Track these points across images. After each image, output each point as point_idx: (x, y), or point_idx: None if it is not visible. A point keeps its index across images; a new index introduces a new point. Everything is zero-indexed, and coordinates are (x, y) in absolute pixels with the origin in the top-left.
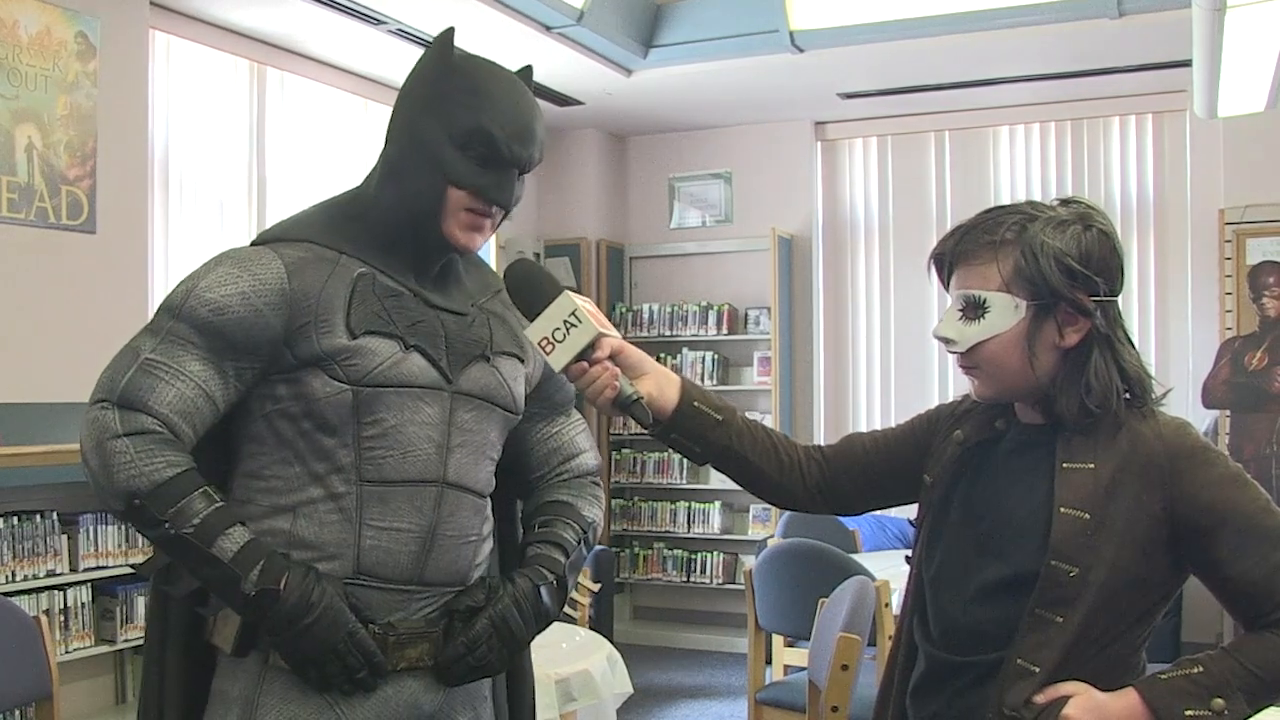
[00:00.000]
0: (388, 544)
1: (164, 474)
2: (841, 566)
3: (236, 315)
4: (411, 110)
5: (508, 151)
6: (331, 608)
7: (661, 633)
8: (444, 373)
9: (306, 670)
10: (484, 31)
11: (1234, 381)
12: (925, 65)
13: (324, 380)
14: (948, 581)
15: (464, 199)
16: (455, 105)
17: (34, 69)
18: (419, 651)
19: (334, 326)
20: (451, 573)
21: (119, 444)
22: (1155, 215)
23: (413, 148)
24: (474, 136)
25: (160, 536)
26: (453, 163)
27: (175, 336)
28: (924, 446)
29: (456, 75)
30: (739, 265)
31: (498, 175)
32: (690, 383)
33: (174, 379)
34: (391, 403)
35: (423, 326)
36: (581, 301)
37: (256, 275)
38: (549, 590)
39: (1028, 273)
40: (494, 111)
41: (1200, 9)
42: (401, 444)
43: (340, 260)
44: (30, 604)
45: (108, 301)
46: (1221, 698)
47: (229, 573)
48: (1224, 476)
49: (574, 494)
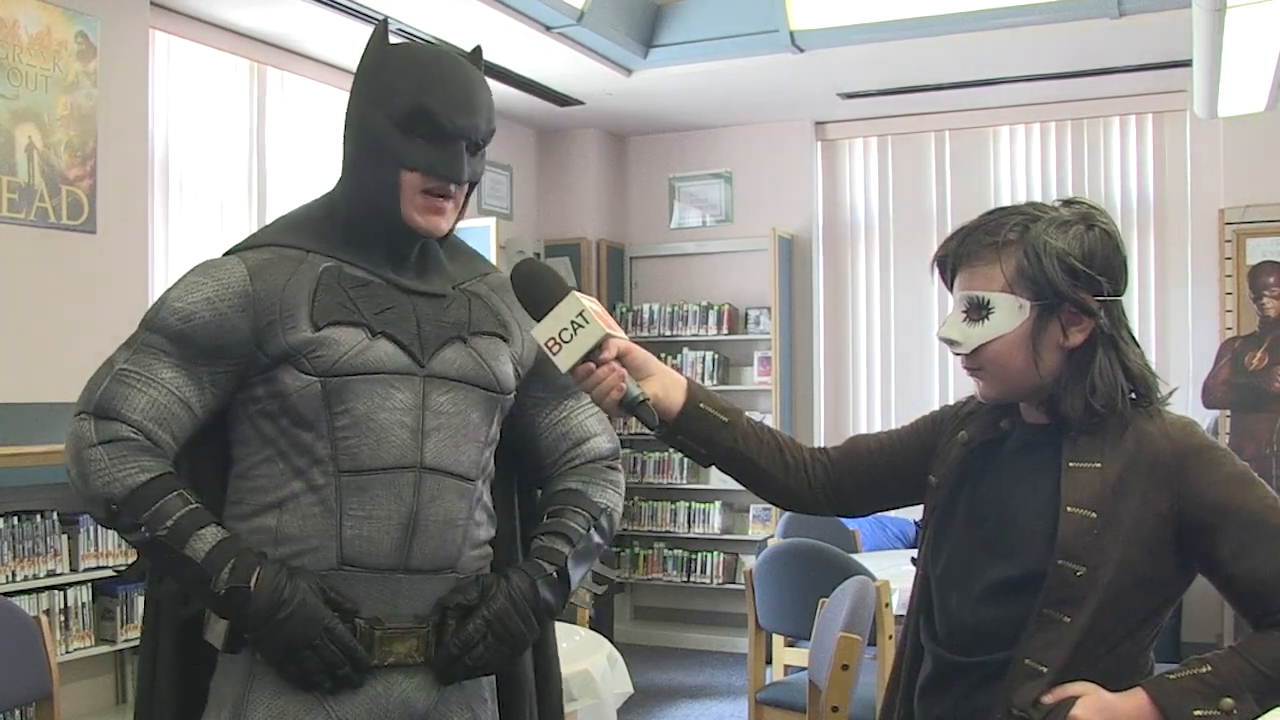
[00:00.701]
0: (369, 532)
1: (137, 479)
2: (842, 566)
3: (202, 320)
4: (356, 104)
5: (450, 124)
6: (305, 604)
7: (662, 632)
8: (414, 356)
9: (286, 667)
10: (484, 31)
11: (1234, 381)
12: (925, 65)
13: (294, 375)
14: (954, 582)
15: (418, 180)
16: (394, 90)
17: (34, 69)
18: (407, 648)
19: (298, 321)
20: (439, 558)
21: (94, 452)
22: (1155, 215)
23: (362, 140)
24: (415, 116)
25: (138, 540)
26: (400, 146)
27: (148, 346)
28: (929, 448)
29: (392, 61)
30: (739, 265)
31: (446, 150)
32: (696, 384)
33: (146, 386)
34: (360, 390)
35: (392, 313)
36: (589, 302)
37: (219, 280)
38: (547, 583)
39: (1031, 273)
40: (430, 87)
41: (1200, 9)
42: (374, 431)
43: (306, 258)
44: (30, 604)
45: (108, 301)
46: (1231, 697)
47: (201, 572)
48: (1231, 475)
49: (585, 480)
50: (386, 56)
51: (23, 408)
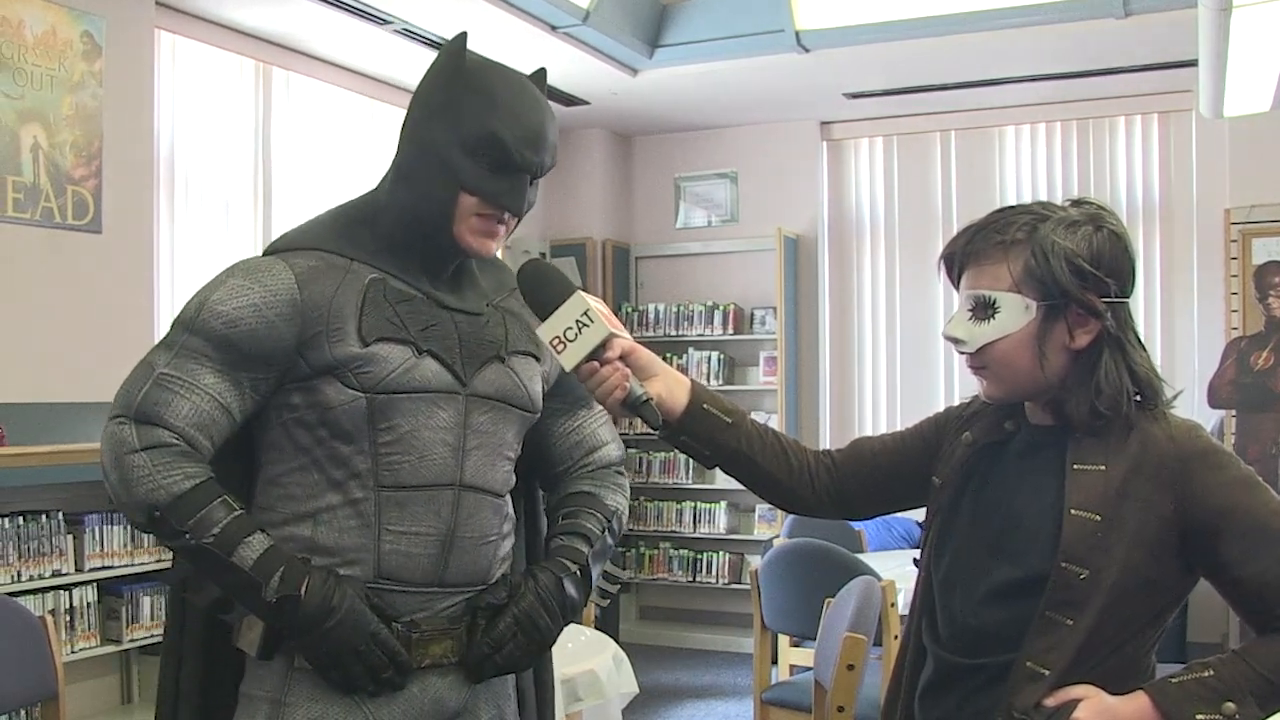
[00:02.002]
0: (407, 548)
1: (182, 486)
2: (847, 566)
3: (249, 327)
4: (422, 116)
5: (519, 157)
6: (353, 610)
7: (667, 632)
8: (458, 376)
9: (331, 673)
10: (490, 31)
11: (1240, 381)
12: (931, 65)
13: (338, 388)
14: (957, 583)
15: (475, 204)
16: (466, 111)
17: (39, 69)
18: (443, 649)
19: (346, 334)
20: (473, 573)
21: (137, 459)
22: (1161, 215)
23: (423, 153)
24: (485, 142)
25: (182, 547)
26: (464, 168)
27: (189, 350)
28: (933, 449)
29: (468, 80)
30: (745, 265)
31: (509, 181)
32: (700, 385)
33: (189, 392)
34: (406, 409)
35: (436, 330)
36: (593, 302)
37: (267, 286)
38: (572, 581)
39: (1038, 273)
40: (505, 117)
41: (1206, 9)
42: (417, 449)
43: (351, 267)
44: (36, 604)
45: (113, 301)
46: (1233, 701)
47: (250, 580)
48: (1235, 479)
49: (597, 484)
50: (462, 74)
51: (28, 408)
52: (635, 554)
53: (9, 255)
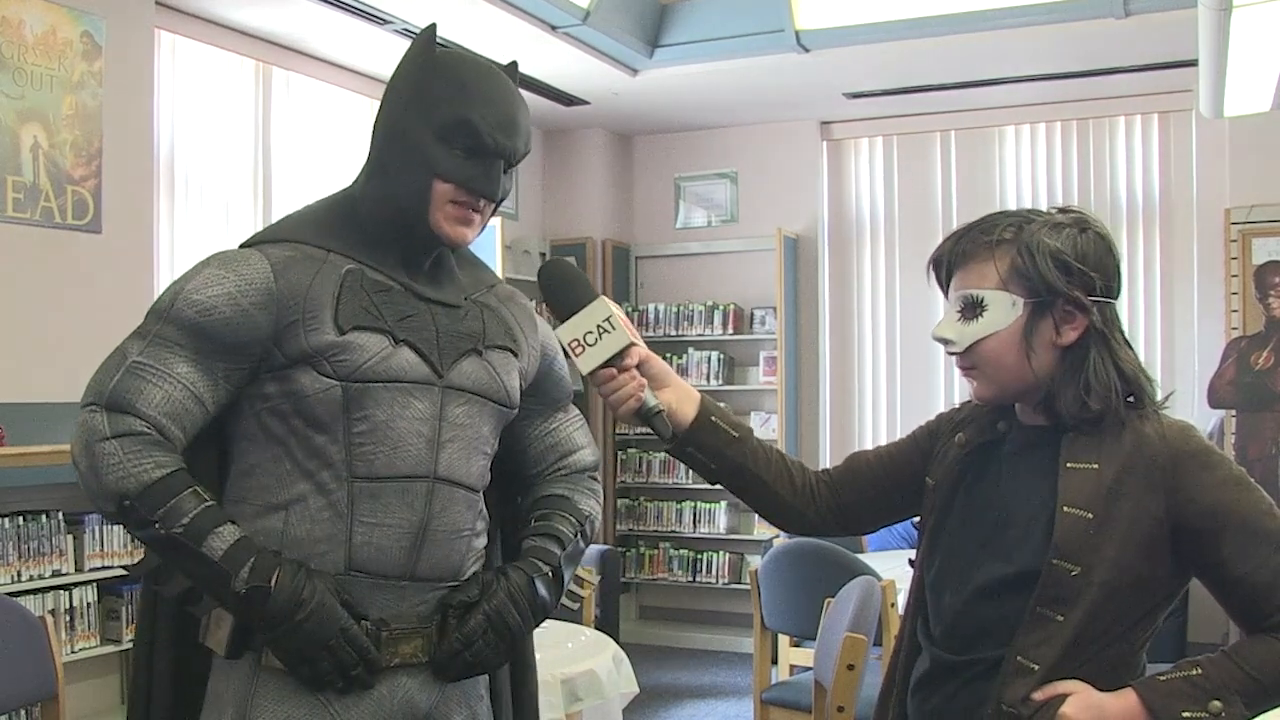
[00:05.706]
0: (379, 540)
1: (152, 475)
2: (847, 566)
3: (223, 316)
4: (395, 106)
5: (492, 142)
6: (323, 604)
7: (667, 632)
8: (434, 367)
9: (299, 668)
10: (490, 31)
11: (1240, 381)
12: (931, 65)
13: (313, 377)
14: (950, 580)
15: (450, 192)
16: (438, 99)
17: (39, 68)
18: (413, 647)
19: (322, 323)
20: (444, 568)
21: (107, 446)
22: (1161, 215)
23: (397, 143)
24: (458, 129)
25: (151, 537)
26: (437, 156)
27: (163, 339)
28: (928, 455)
29: (439, 69)
30: (745, 265)
31: (483, 167)
32: (708, 399)
33: (161, 381)
34: (381, 398)
35: (413, 320)
36: (615, 308)
37: (243, 275)
38: (544, 581)
39: (1025, 270)
40: (477, 103)
41: (1206, 9)
42: (391, 439)
43: (328, 258)
44: (36, 604)
45: (113, 301)
46: (1219, 700)
47: (219, 571)
48: (1226, 479)
49: (570, 487)
50: (432, 64)
51: (28, 408)
52: (635, 554)
53: (9, 255)
